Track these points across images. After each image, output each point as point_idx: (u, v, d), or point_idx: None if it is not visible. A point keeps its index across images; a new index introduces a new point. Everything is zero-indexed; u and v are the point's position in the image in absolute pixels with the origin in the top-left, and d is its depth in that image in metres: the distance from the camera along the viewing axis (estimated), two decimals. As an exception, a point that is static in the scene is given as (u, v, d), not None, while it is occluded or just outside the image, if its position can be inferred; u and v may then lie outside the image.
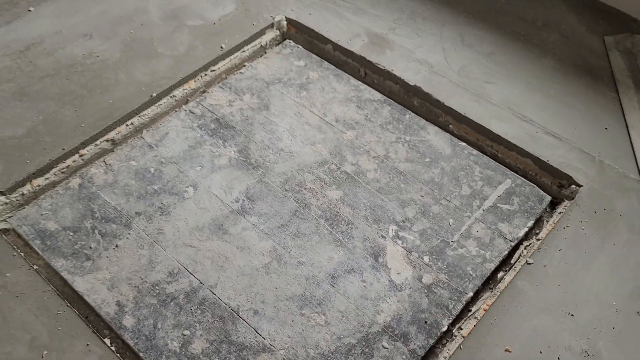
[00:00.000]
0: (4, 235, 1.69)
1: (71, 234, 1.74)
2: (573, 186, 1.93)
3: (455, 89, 2.17)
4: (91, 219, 1.77)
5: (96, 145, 1.93)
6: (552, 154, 1.99)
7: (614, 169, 1.97)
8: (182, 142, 2.00)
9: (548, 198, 1.93)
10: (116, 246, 1.72)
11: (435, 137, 2.08)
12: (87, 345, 1.50)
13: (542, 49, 2.35)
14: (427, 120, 2.14)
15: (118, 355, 1.51)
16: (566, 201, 1.91)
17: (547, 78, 2.24)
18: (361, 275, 1.71)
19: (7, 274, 1.60)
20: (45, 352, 1.48)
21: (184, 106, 2.12)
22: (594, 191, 1.91)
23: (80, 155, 1.90)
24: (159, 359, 1.52)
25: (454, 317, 1.65)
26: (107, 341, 1.54)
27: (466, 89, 2.17)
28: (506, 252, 1.79)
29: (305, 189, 1.90)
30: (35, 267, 1.65)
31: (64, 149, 1.88)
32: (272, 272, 1.70)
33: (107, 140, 1.95)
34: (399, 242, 1.79)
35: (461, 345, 1.57)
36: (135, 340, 1.54)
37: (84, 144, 1.91)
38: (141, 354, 1.52)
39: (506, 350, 1.55)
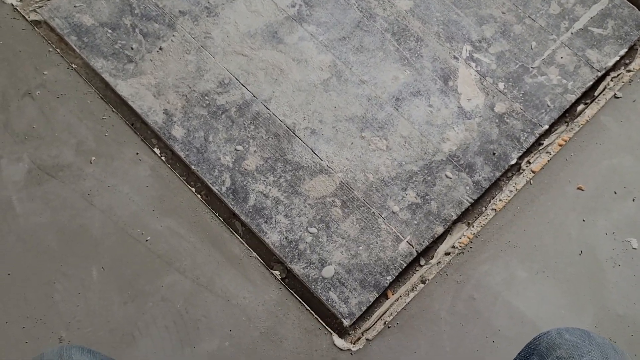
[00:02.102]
0: (36, 28, 1.51)
1: (109, 31, 1.56)
2: (679, 12, 1.66)
3: None
4: (130, 16, 1.58)
5: None
6: (660, -28, 1.69)
7: None
8: None
9: (647, 24, 1.68)
10: (160, 49, 1.55)
11: (525, -58, 1.75)
12: (137, 154, 1.42)
13: None
14: None
15: (169, 165, 1.43)
16: (667, 29, 1.66)
17: None
18: (428, 99, 1.56)
19: (45, 72, 1.46)
20: (93, 157, 1.40)
21: None
22: (702, 19, 1.65)
23: (112, -61, 1.63)
24: (211, 172, 1.44)
25: (525, 150, 1.53)
26: (157, 151, 1.45)
27: None
28: (591, 82, 1.60)
29: (369, -4, 1.66)
30: (73, 65, 1.50)
31: None
32: (331, 89, 1.55)
33: None
34: (473, 64, 1.60)
35: (531, 180, 1.47)
36: (186, 152, 1.46)
37: None
38: (193, 167, 1.44)
39: (579, 188, 1.46)
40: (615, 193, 1.45)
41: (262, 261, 1.37)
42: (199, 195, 1.41)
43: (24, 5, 1.55)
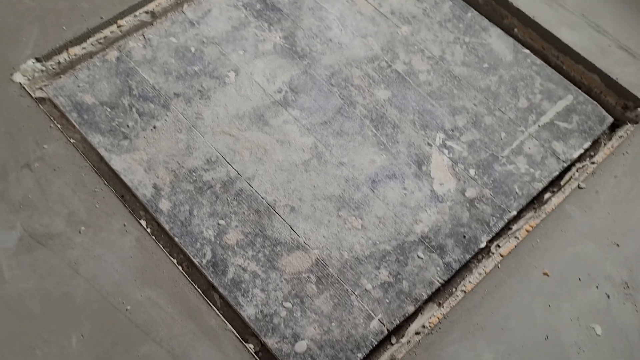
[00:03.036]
0: (40, 105, 1.63)
1: (108, 109, 1.68)
2: (639, 109, 1.78)
3: (526, -13, 1.96)
4: (129, 96, 1.70)
5: (135, 16, 1.81)
6: (621, 71, 1.83)
7: (688, 95, 1.81)
8: (225, 21, 1.86)
9: (610, 119, 1.80)
10: (154, 127, 1.66)
11: (497, 41, 1.91)
12: (124, 225, 1.50)
13: (630, -51, 2.08)
14: (490, 20, 1.96)
15: (153, 237, 1.51)
16: (629, 125, 1.78)
17: (631, -16, 2.01)
18: (402, 182, 1.65)
19: (45, 146, 1.57)
20: (82, 227, 1.48)
21: (228, -19, 1.95)
22: (661, 117, 1.77)
23: (119, 26, 1.79)
24: (193, 245, 1.52)
25: (494, 234, 1.61)
26: (143, 223, 1.53)
27: (538, -11, 1.96)
28: (557, 172, 1.70)
29: (352, 85, 1.79)
30: (72, 140, 1.61)
31: (102, 17, 1.76)
32: (311, 169, 1.65)
33: (146, 12, 1.83)
34: (446, 151, 1.71)
35: (499, 264, 1.54)
36: (171, 225, 1.54)
37: (122, 14, 1.79)
38: (176, 239, 1.52)
39: (544, 273, 1.52)
40: (579, 280, 1.52)
41: (237, 334, 1.41)
42: (180, 267, 1.48)
43: (31, 83, 1.68)
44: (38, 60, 1.68)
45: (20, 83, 1.65)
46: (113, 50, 1.77)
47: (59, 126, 1.61)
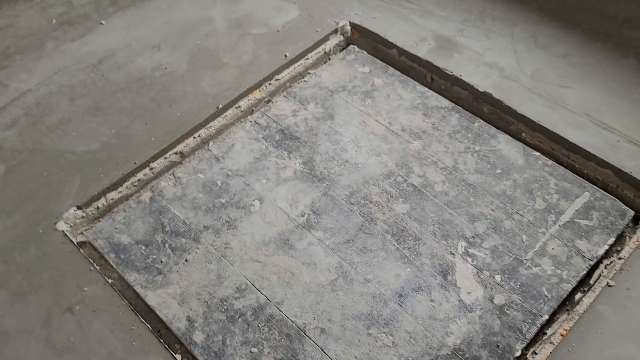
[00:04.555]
0: (81, 249, 1.76)
1: (143, 247, 1.79)
2: (659, 200, 1.80)
3: (528, 94, 2.07)
4: (162, 233, 1.82)
5: (165, 158, 1.97)
6: (635, 165, 1.86)
7: None
8: (247, 154, 2.01)
9: (631, 213, 1.81)
10: (186, 260, 1.76)
11: (507, 147, 1.99)
12: (160, 360, 1.54)
13: (623, 48, 2.19)
14: (497, 128, 2.05)
15: (189, 371, 1.54)
16: (651, 216, 1.79)
17: (629, 81, 2.09)
18: (429, 294, 1.67)
19: (85, 288, 1.67)
20: (121, 366, 1.54)
21: (249, 117, 2.13)
22: (683, 205, 1.77)
23: (151, 169, 1.95)
24: (228, 375, 1.54)
25: (528, 341, 1.58)
26: (179, 357, 1.58)
27: (540, 94, 2.06)
28: (584, 271, 1.70)
29: (371, 202, 1.87)
30: (110, 280, 1.71)
31: (135, 162, 1.93)
32: (338, 289, 1.69)
33: (175, 153, 1.99)
34: (469, 259, 1.73)
35: (536, 373, 1.50)
36: (206, 357, 1.57)
37: (154, 158, 1.96)
38: (211, 371, 1.55)
39: (585, 379, 1.48)
40: (623, 383, 1.46)
41: None
42: (215, 400, 1.50)
43: (73, 229, 1.82)
44: (79, 207, 1.83)
45: (63, 231, 1.78)
46: (147, 191, 1.92)
47: (97, 268, 1.72)
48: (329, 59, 2.32)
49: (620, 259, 1.70)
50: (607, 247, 1.74)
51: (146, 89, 2.14)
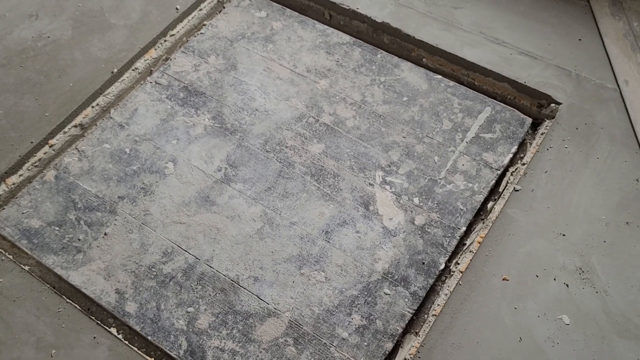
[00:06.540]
0: (-12, 241, 1.66)
1: (57, 228, 1.71)
2: (552, 105, 1.91)
3: (424, 19, 2.11)
4: (74, 210, 1.74)
5: (65, 132, 1.87)
6: (528, 75, 1.97)
7: (591, 81, 1.95)
8: (153, 116, 1.94)
9: (529, 120, 1.92)
10: (105, 234, 1.70)
11: (410, 74, 2.03)
12: (94, 337, 1.51)
13: (507, -36, 2.26)
14: (399, 57, 2.09)
15: (126, 342, 1.52)
16: (547, 121, 1.90)
17: (516, -5, 2.18)
18: (354, 227, 1.72)
19: (0, 279, 1.58)
20: (53, 351, 1.49)
21: (148, 78, 2.03)
22: (573, 107, 1.90)
23: (51, 146, 1.84)
24: (167, 339, 1.53)
25: (450, 253, 1.68)
26: (114, 330, 1.55)
27: (435, 18, 2.11)
28: (493, 181, 1.80)
29: (286, 147, 1.87)
30: (26, 267, 1.63)
31: (32, 142, 1.81)
32: (265, 236, 1.70)
33: (75, 126, 1.88)
34: (387, 187, 1.79)
35: (460, 281, 1.60)
36: (142, 325, 1.55)
37: (52, 134, 1.84)
38: (149, 337, 1.54)
39: (504, 279, 1.59)
40: (537, 276, 1.59)
41: (228, 416, 1.42)
42: (159, 364, 1.49)
43: (-24, 221, 1.70)
44: (-22, 198, 1.71)
45: (-36, 224, 1.67)
46: (50, 170, 1.81)
47: (10, 257, 1.63)
48: (224, 8, 2.24)
49: (523, 164, 1.81)
50: (511, 155, 1.84)
51: (30, 62, 1.99)
